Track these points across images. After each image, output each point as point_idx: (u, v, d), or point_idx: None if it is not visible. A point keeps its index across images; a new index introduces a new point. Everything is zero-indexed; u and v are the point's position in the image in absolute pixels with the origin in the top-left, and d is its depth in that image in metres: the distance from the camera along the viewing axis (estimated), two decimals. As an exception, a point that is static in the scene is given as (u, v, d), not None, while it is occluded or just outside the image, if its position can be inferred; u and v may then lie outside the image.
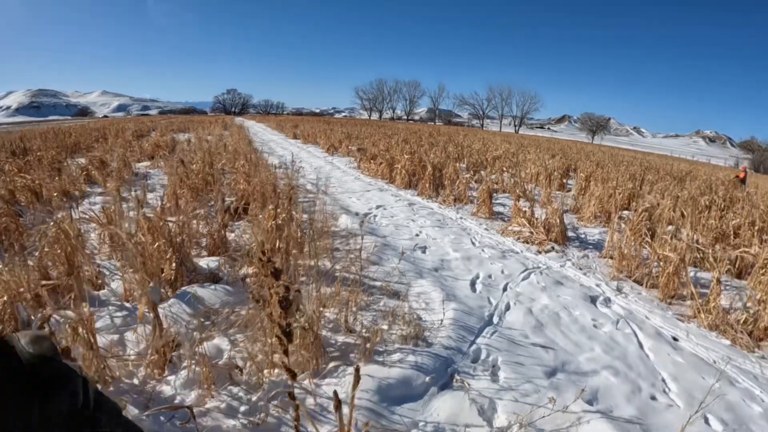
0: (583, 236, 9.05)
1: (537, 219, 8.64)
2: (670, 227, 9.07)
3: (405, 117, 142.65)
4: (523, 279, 6.50)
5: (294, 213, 7.12)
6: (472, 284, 6.20)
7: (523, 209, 8.93)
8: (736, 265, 7.36)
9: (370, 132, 32.23)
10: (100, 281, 5.26)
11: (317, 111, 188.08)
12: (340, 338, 4.42)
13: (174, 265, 5.39)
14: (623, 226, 7.97)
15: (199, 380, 3.49)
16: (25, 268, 4.59)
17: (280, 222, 5.88)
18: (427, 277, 6.23)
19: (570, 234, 8.83)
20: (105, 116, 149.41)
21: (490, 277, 6.49)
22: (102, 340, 3.87)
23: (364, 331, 4.52)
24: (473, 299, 5.66)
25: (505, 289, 6.08)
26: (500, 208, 10.79)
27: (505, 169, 15.57)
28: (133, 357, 3.78)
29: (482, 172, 15.42)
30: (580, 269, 7.12)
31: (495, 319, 5.18)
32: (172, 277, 5.32)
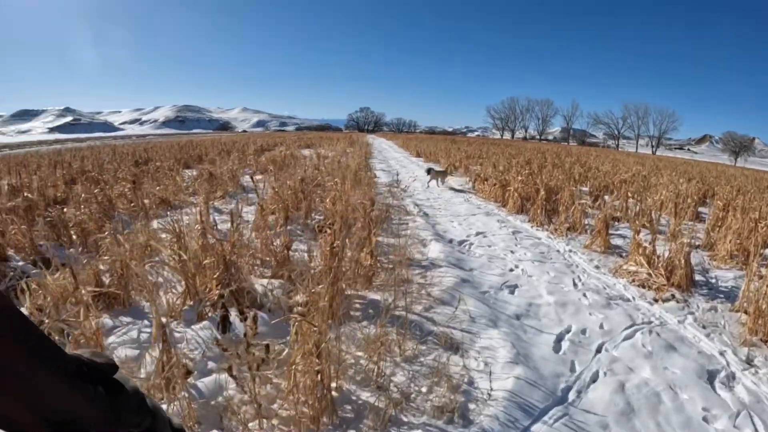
0: (713, 281, 7.47)
1: (659, 257, 7.22)
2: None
3: (538, 136, 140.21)
4: (626, 339, 5.20)
5: (373, 237, 6.52)
6: (558, 341, 5.05)
7: (643, 244, 7.54)
8: None
9: (495, 151, 31.14)
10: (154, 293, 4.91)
11: (450, 130, 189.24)
12: (365, 395, 3.68)
13: (219, 285, 5.03)
14: (764, 271, 6.56)
15: (183, 416, 3.12)
16: (79, 273, 4.62)
17: (335, 248, 5.14)
18: (503, 326, 5.18)
19: (698, 277, 7.33)
20: (244, 131, 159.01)
21: (583, 332, 5.28)
22: (120, 354, 3.88)
23: (395, 390, 3.74)
24: (551, 363, 4.54)
25: (598, 351, 4.88)
26: (619, 241, 9.34)
27: (630, 194, 13.77)
28: (143, 377, 3.55)
29: (606, 197, 14.02)
30: (704, 327, 5.67)
31: (571, 396, 4.01)
32: (216, 298, 4.93)
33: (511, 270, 7.29)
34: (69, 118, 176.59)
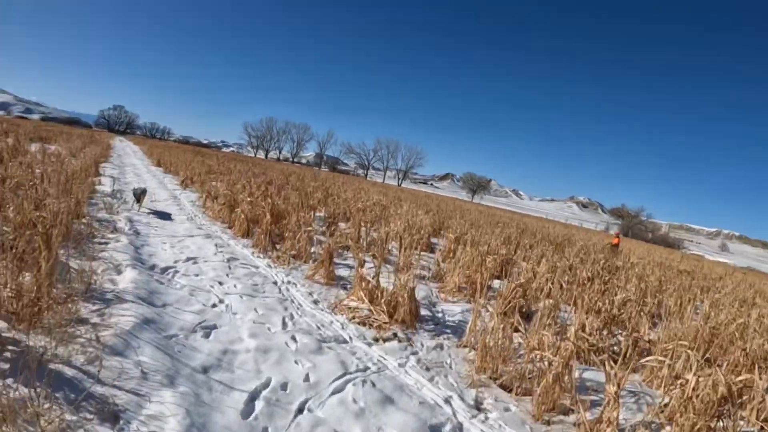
0: (440, 315, 7.15)
1: (383, 291, 6.66)
2: (548, 301, 7.45)
3: (291, 158, 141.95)
4: (335, 393, 4.39)
5: (42, 261, 5.05)
6: (251, 400, 4.05)
7: (367, 278, 6.93)
8: (626, 355, 5.55)
9: (240, 169, 29.94)
10: None
11: (205, 142, 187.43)
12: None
13: None
14: (491, 309, 6.15)
15: None
16: None
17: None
18: (182, 384, 4.07)
19: (424, 312, 6.97)
20: None
21: (284, 387, 4.35)
22: None
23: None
24: (237, 434, 3.55)
25: (300, 412, 4.00)
26: (346, 272, 8.76)
27: (364, 223, 13.20)
28: None
29: (341, 224, 13.51)
30: (428, 370, 5.17)
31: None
32: None
33: (214, 306, 6.16)
34: None
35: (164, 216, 11.91)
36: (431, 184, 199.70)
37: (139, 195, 12.05)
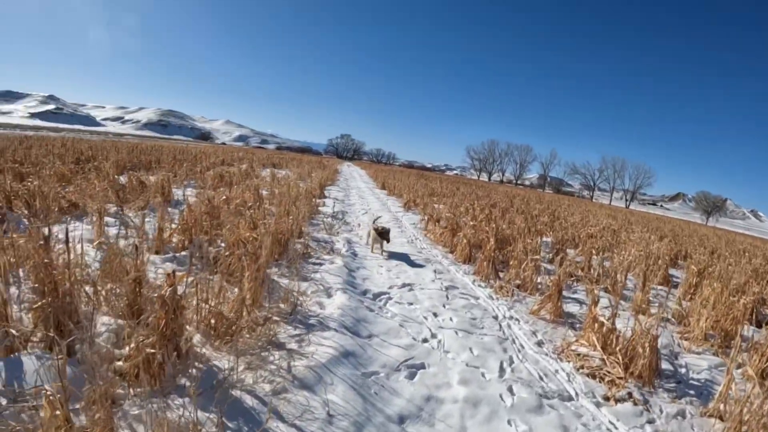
0: (683, 371, 5.77)
1: (618, 336, 5.60)
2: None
3: (514, 181, 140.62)
4: None
5: (246, 282, 5.19)
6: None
7: (600, 318, 5.93)
8: None
9: (463, 191, 29.98)
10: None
11: (429, 166, 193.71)
12: None
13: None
14: (749, 369, 4.95)
15: None
16: None
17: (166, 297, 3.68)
18: (370, 439, 3.48)
19: (664, 365, 5.66)
20: (223, 143, 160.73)
21: None
22: None
23: None
24: None
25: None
26: (575, 308, 7.70)
27: (595, 251, 12.08)
28: None
29: (570, 251, 12.52)
30: None
31: None
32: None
33: (425, 341, 5.56)
34: (51, 106, 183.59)
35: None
36: (660, 205, 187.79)
37: (382, 231, 9.95)
